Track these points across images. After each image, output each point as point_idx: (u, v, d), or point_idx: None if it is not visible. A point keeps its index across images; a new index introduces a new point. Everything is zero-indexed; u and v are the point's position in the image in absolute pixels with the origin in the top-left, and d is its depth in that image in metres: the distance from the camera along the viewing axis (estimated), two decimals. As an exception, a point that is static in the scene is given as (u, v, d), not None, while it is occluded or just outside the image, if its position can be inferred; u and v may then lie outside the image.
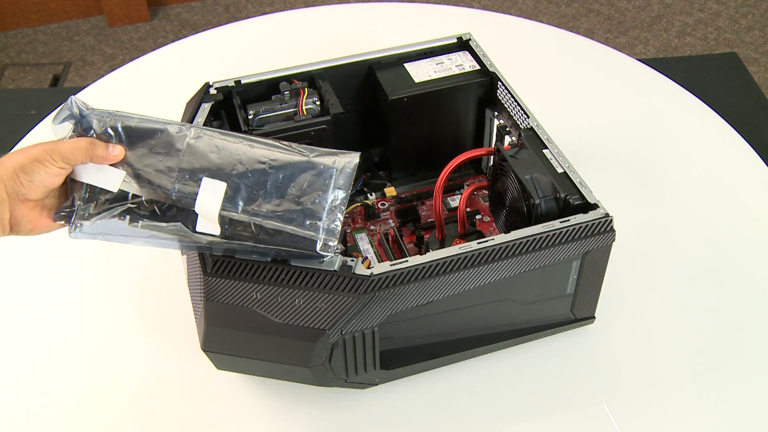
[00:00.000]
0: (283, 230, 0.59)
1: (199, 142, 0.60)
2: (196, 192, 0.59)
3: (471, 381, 0.72)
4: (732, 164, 0.94)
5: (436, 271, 0.62)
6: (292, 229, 0.59)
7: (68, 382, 0.73)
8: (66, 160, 0.57)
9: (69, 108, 0.59)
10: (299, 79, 0.80)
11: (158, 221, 0.60)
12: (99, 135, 0.59)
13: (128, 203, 0.60)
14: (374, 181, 0.87)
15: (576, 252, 0.66)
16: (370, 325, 0.62)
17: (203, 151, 0.60)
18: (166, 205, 0.60)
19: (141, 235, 0.60)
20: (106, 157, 0.59)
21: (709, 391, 0.71)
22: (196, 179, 0.59)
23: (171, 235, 0.60)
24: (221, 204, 0.59)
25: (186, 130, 0.61)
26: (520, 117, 0.76)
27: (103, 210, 0.59)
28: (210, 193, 0.59)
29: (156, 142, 0.60)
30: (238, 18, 2.19)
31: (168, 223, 0.60)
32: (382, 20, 1.21)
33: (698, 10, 2.15)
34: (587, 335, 0.75)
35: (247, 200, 0.59)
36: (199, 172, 0.60)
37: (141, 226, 0.60)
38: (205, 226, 0.60)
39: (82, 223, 0.59)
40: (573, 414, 0.69)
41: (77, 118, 0.60)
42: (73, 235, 0.60)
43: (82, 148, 0.58)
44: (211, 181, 0.59)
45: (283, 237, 0.59)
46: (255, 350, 0.63)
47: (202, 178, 0.59)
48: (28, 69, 2.06)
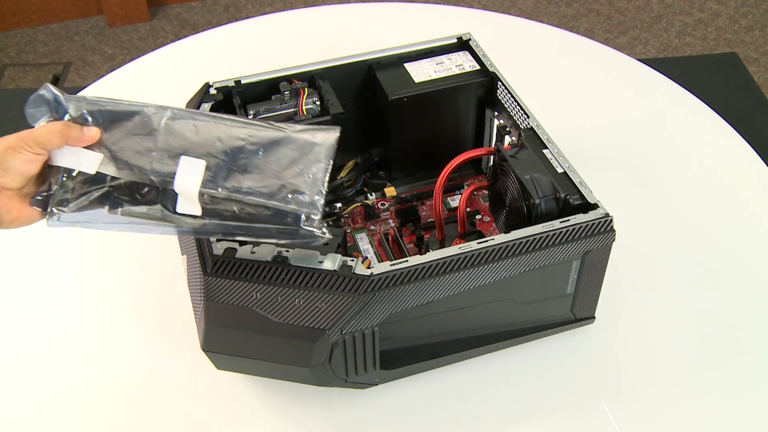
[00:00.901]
0: (265, 206, 0.58)
1: (177, 122, 0.59)
2: (174, 171, 0.58)
3: (471, 381, 0.72)
4: (732, 164, 0.94)
5: (436, 271, 0.62)
6: (275, 204, 0.58)
7: (68, 382, 0.73)
8: (41, 145, 0.56)
9: (44, 95, 0.58)
10: (299, 79, 0.80)
11: (138, 205, 0.59)
12: (75, 119, 0.58)
13: (107, 185, 0.58)
14: (374, 181, 0.87)
15: (576, 252, 0.66)
16: (370, 325, 0.62)
17: (181, 130, 0.59)
18: (146, 188, 0.59)
19: (121, 221, 0.59)
20: (81, 138, 0.58)
21: (709, 391, 0.71)
22: (174, 158, 0.58)
23: (152, 219, 0.59)
24: (201, 182, 0.58)
25: (163, 111, 0.60)
26: (520, 117, 0.76)
27: (82, 194, 0.58)
28: (189, 171, 0.58)
29: (133, 123, 0.59)
30: (238, 18, 2.19)
31: (148, 207, 0.59)
32: (382, 20, 1.21)
33: (698, 10, 2.15)
34: (587, 335, 0.75)
35: (227, 178, 0.58)
36: (178, 151, 0.58)
37: (121, 212, 0.59)
38: (186, 206, 0.59)
39: (61, 212, 0.58)
40: (573, 414, 0.69)
41: (53, 105, 0.58)
42: (51, 223, 0.59)
43: (56, 131, 0.56)
44: (189, 160, 0.58)
45: (267, 214, 0.58)
46: (255, 350, 0.63)
47: (180, 156, 0.58)
48: (28, 69, 2.06)
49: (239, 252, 0.62)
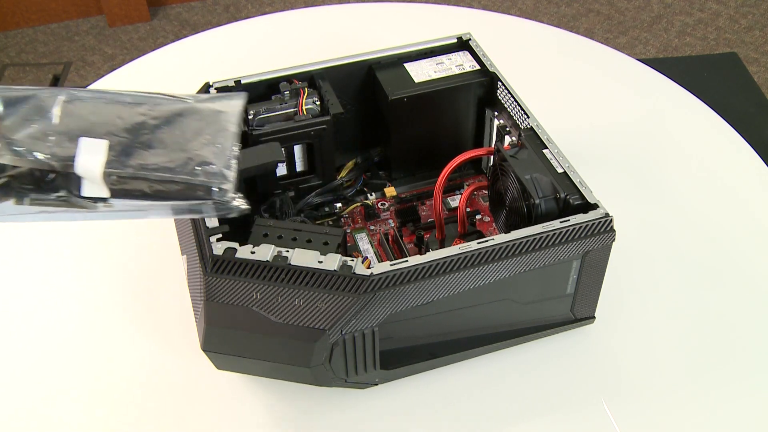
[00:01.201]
0: (174, 181, 0.56)
1: (75, 103, 0.57)
2: (74, 154, 0.56)
3: (471, 381, 0.72)
4: (732, 164, 0.94)
5: (436, 271, 0.62)
6: (183, 178, 0.56)
7: (67, 382, 0.73)
8: None
9: None
10: (299, 79, 0.80)
11: (43, 193, 0.56)
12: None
13: (6, 175, 0.56)
14: (374, 181, 0.87)
15: (576, 252, 0.66)
16: (370, 325, 0.62)
17: (79, 111, 0.57)
18: (50, 175, 0.56)
19: (31, 211, 0.57)
20: None
21: (709, 391, 0.71)
22: (74, 141, 0.56)
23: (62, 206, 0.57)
24: (104, 163, 0.56)
25: (58, 93, 0.58)
26: (520, 117, 0.76)
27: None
28: (90, 153, 0.56)
29: (27, 109, 0.57)
30: (238, 18, 2.19)
31: (57, 194, 0.57)
32: (382, 20, 1.21)
33: (698, 10, 2.15)
34: (587, 335, 0.75)
35: (131, 155, 0.56)
36: (77, 133, 0.56)
37: (29, 202, 0.56)
38: (92, 189, 0.56)
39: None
40: (573, 414, 0.69)
41: None
42: None
43: None
44: (90, 141, 0.56)
45: (177, 189, 0.56)
46: (255, 350, 0.63)
47: (80, 138, 0.56)
48: (28, 69, 2.06)
49: (239, 252, 0.62)
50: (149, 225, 0.86)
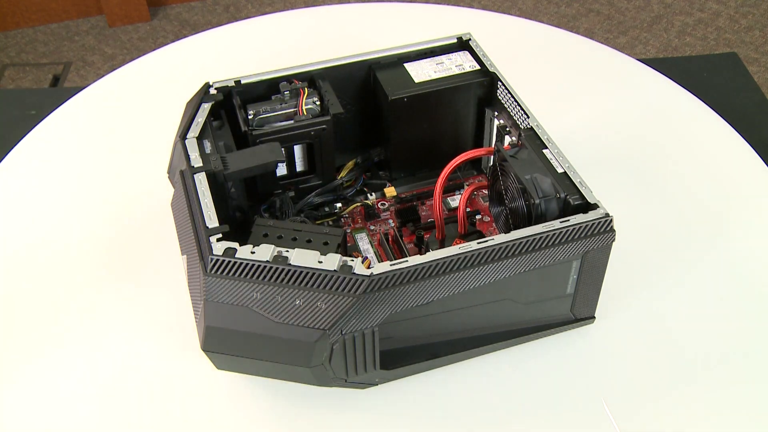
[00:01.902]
0: None
1: None
2: None
3: (471, 381, 0.72)
4: (732, 164, 0.94)
5: (436, 271, 0.62)
6: None
7: (66, 382, 0.73)
8: None
9: None
10: (299, 79, 0.80)
11: None
12: None
13: None
14: (374, 181, 0.87)
15: (576, 252, 0.66)
16: (370, 325, 0.62)
17: None
18: None
19: None
20: None
21: (709, 392, 0.71)
22: None
23: None
24: None
25: None
26: (520, 117, 0.76)
27: None
28: None
29: None
30: (238, 18, 2.19)
31: None
32: (382, 20, 1.21)
33: (698, 10, 2.15)
34: (587, 335, 0.75)
35: None
36: None
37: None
38: None
39: None
40: (573, 414, 0.69)
41: None
42: None
43: None
44: None
45: None
46: (255, 350, 0.63)
47: None
48: (28, 69, 2.06)
49: (239, 252, 0.62)
50: (149, 224, 0.86)
